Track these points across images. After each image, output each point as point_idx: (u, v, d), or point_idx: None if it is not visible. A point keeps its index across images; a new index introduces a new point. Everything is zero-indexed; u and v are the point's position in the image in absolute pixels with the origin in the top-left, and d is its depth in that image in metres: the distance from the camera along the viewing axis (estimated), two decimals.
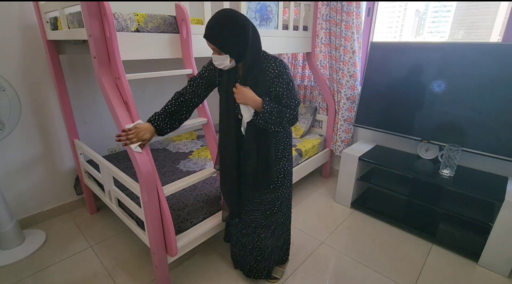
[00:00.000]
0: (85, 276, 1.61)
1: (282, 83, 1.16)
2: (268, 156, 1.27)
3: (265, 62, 1.18)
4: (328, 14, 2.36)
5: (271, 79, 1.16)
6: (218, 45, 1.10)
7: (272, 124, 1.17)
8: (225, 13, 1.08)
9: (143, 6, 2.12)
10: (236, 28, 1.07)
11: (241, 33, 1.08)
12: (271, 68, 1.16)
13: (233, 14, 1.08)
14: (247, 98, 1.15)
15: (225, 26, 1.07)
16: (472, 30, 2.11)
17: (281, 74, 1.16)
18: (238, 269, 1.63)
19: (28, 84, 1.84)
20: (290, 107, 1.18)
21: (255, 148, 1.25)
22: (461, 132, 1.82)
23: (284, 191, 1.40)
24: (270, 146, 1.27)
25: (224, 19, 1.07)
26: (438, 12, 2.27)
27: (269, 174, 1.30)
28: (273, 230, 1.44)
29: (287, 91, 1.17)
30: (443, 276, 1.63)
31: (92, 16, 1.11)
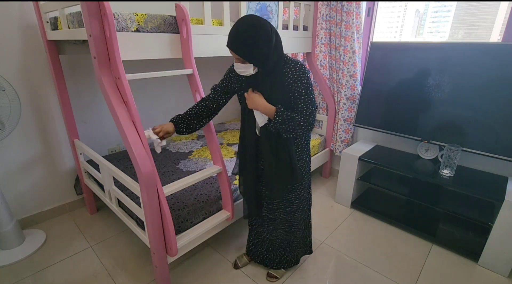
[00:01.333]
0: (85, 276, 1.61)
1: (300, 88, 1.15)
2: (290, 158, 1.28)
3: (285, 66, 1.17)
4: (328, 14, 2.36)
5: (289, 84, 1.16)
6: (242, 55, 1.11)
7: (284, 132, 1.18)
8: (249, 21, 1.06)
9: (143, 6, 2.12)
10: (261, 37, 1.06)
11: (265, 43, 1.07)
12: (290, 73, 1.15)
13: (257, 23, 1.06)
14: (257, 105, 1.18)
15: (250, 35, 1.06)
16: (472, 30, 2.11)
17: (300, 78, 1.15)
18: (241, 271, 1.64)
19: (28, 84, 1.84)
20: (305, 114, 1.16)
21: (269, 150, 1.27)
22: (461, 132, 1.82)
23: (302, 191, 1.42)
24: (290, 149, 1.27)
25: (249, 28, 1.05)
26: (438, 12, 2.27)
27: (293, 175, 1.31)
28: (297, 225, 1.49)
29: (304, 96, 1.16)
30: (443, 276, 1.63)
31: (92, 16, 1.11)
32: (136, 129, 1.24)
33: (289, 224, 1.48)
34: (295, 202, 1.42)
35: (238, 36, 1.07)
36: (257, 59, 1.12)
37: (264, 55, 1.10)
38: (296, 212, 1.45)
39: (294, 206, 1.43)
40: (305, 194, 1.44)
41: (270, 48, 1.09)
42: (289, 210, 1.44)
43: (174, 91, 2.61)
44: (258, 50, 1.08)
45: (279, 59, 1.16)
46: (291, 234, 1.51)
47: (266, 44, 1.08)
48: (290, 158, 1.28)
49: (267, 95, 1.19)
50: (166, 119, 2.59)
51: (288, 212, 1.44)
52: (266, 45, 1.08)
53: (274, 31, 1.11)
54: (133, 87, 1.32)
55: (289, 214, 1.45)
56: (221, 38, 1.66)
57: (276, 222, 1.49)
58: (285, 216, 1.46)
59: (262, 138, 1.27)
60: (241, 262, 1.67)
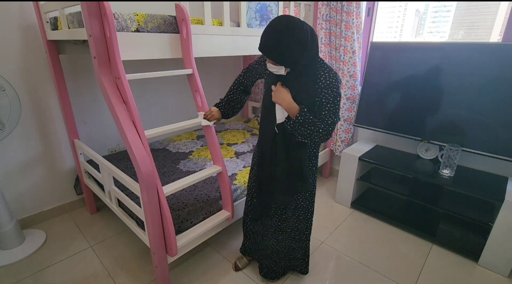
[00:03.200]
0: (85, 276, 1.61)
1: (329, 95, 1.12)
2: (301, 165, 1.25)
3: (319, 69, 1.14)
4: (328, 14, 2.36)
5: (319, 89, 1.13)
6: (274, 59, 1.09)
7: (300, 135, 1.15)
8: (282, 23, 1.02)
9: (143, 6, 2.12)
10: (294, 41, 1.03)
11: (298, 46, 1.04)
12: (322, 78, 1.12)
13: (291, 25, 1.02)
14: (282, 99, 1.15)
15: (282, 39, 1.02)
16: (472, 30, 2.11)
17: (331, 86, 1.11)
18: (241, 271, 1.64)
19: (28, 84, 1.84)
20: (326, 122, 1.13)
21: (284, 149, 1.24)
22: (461, 132, 1.82)
23: (299, 200, 1.38)
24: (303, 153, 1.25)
25: (282, 30, 1.02)
26: (438, 12, 2.27)
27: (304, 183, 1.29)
28: (289, 233, 1.45)
29: (331, 104, 1.13)
30: (443, 276, 1.63)
31: (92, 16, 1.11)
32: (136, 129, 1.24)
33: (282, 231, 1.44)
34: (290, 208, 1.39)
35: (269, 38, 1.04)
36: (288, 63, 1.09)
37: (297, 58, 1.07)
38: (291, 218, 1.41)
39: (289, 212, 1.39)
40: (302, 203, 1.39)
41: (303, 52, 1.06)
42: (285, 217, 1.41)
43: (174, 91, 2.61)
44: (288, 56, 1.05)
45: (311, 61, 1.12)
46: (281, 243, 1.46)
47: (298, 45, 1.04)
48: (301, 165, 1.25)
49: (294, 93, 1.15)
50: (166, 119, 2.60)
51: (284, 219, 1.41)
52: (298, 46, 1.04)
53: (309, 33, 1.06)
54: (133, 87, 1.32)
55: (284, 221, 1.41)
56: (221, 38, 1.66)
57: (271, 230, 1.45)
58: (280, 222, 1.43)
59: (279, 136, 1.24)
60: (241, 264, 1.65)
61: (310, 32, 1.07)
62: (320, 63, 1.15)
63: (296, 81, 1.15)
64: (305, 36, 1.04)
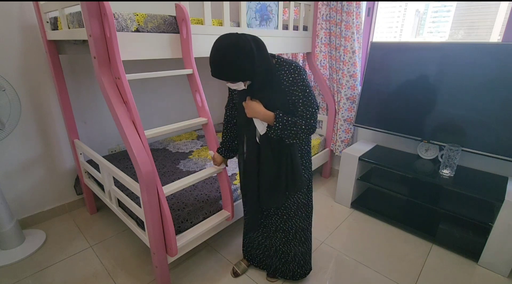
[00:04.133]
0: (85, 276, 1.61)
1: (297, 91, 1.12)
2: (292, 165, 1.25)
3: (279, 69, 1.14)
4: (328, 14, 2.36)
5: (286, 88, 1.13)
6: (229, 79, 1.09)
7: (286, 137, 1.16)
8: (222, 44, 1.03)
9: (143, 6, 2.12)
10: (240, 56, 1.02)
11: (246, 59, 1.03)
12: (285, 76, 1.12)
13: (231, 42, 1.02)
14: (256, 113, 1.16)
15: (228, 58, 1.02)
16: (472, 30, 2.11)
17: (295, 81, 1.12)
18: (239, 277, 1.62)
19: (28, 84, 1.84)
20: (305, 117, 1.14)
21: (271, 158, 1.24)
22: (461, 132, 1.82)
23: (301, 197, 1.37)
24: (293, 154, 1.24)
25: (224, 50, 1.02)
26: (438, 12, 2.27)
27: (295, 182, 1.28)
28: (294, 234, 1.43)
29: (303, 99, 1.13)
30: (443, 276, 1.63)
31: (92, 16, 1.11)
32: (136, 129, 1.24)
33: (286, 233, 1.43)
34: (292, 207, 1.38)
35: (217, 63, 1.04)
36: (243, 76, 1.08)
37: (250, 71, 1.06)
38: (293, 218, 1.40)
39: (292, 212, 1.38)
40: (303, 200, 1.38)
41: (253, 63, 1.05)
42: (286, 217, 1.40)
43: (174, 91, 2.61)
44: (240, 71, 1.05)
45: (268, 66, 1.11)
46: (287, 245, 1.45)
47: (247, 60, 1.03)
48: (292, 165, 1.25)
49: (266, 101, 1.15)
50: (166, 119, 2.60)
51: (285, 220, 1.40)
52: (248, 62, 1.04)
53: (254, 44, 1.06)
54: (133, 87, 1.32)
55: (286, 221, 1.41)
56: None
57: (272, 229, 1.45)
58: (282, 224, 1.42)
59: (263, 147, 1.24)
60: (240, 269, 1.61)
61: (253, 40, 1.06)
62: (279, 63, 1.15)
63: (262, 90, 1.15)
64: (249, 46, 1.03)
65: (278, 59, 1.16)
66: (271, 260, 1.54)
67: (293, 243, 1.45)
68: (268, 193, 1.32)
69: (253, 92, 1.17)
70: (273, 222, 1.44)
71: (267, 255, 1.55)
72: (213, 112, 1.56)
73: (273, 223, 1.44)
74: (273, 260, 1.54)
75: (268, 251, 1.53)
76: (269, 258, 1.55)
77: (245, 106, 1.19)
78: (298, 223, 1.42)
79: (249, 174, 1.34)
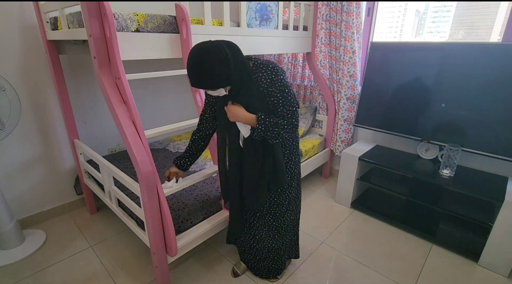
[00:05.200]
0: (85, 276, 1.61)
1: (275, 92, 1.13)
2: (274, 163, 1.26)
3: (256, 71, 1.14)
4: (328, 14, 2.36)
5: (264, 90, 1.14)
6: (208, 87, 1.09)
7: (269, 138, 1.17)
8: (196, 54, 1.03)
9: (143, 6, 2.12)
10: (215, 64, 1.03)
11: (221, 65, 1.04)
12: (263, 78, 1.13)
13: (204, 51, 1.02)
14: (238, 117, 1.17)
15: (204, 67, 1.03)
16: (472, 30, 2.11)
17: (273, 83, 1.12)
18: (239, 277, 1.61)
19: (28, 84, 1.84)
20: (286, 117, 1.15)
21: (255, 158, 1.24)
22: (461, 132, 1.82)
23: (292, 192, 1.40)
24: (276, 152, 1.25)
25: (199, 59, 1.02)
26: (438, 12, 2.27)
27: (278, 179, 1.29)
28: (286, 229, 1.46)
29: (282, 99, 1.14)
30: (443, 276, 1.63)
31: (92, 16, 1.11)
32: (136, 129, 1.24)
33: (278, 229, 1.44)
34: (284, 203, 1.39)
35: (194, 73, 1.05)
36: (222, 83, 1.08)
37: (227, 76, 1.06)
38: (285, 213, 1.42)
39: (284, 207, 1.40)
40: (293, 193, 1.41)
41: (229, 68, 1.05)
42: (279, 214, 1.41)
43: (174, 91, 2.61)
44: (219, 78, 1.05)
45: (245, 70, 1.12)
46: (279, 240, 1.46)
47: (224, 68, 1.04)
48: (274, 163, 1.26)
49: (246, 104, 1.16)
50: (166, 119, 2.60)
51: (278, 216, 1.41)
52: (224, 68, 1.04)
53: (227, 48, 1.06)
54: (133, 87, 1.32)
55: (279, 218, 1.41)
56: (221, 38, 1.65)
57: (265, 229, 1.45)
58: (275, 221, 1.42)
59: (247, 150, 1.25)
60: (240, 269, 1.61)
61: (227, 46, 1.07)
62: (256, 65, 1.15)
63: (242, 94, 1.16)
64: (223, 53, 1.04)
65: (255, 61, 1.17)
66: (264, 262, 1.52)
67: (285, 238, 1.47)
68: (251, 195, 1.32)
69: (233, 96, 1.18)
70: (266, 221, 1.43)
71: (258, 259, 1.53)
72: None
73: (266, 223, 1.44)
74: (266, 262, 1.52)
75: (260, 254, 1.51)
76: (261, 262, 1.53)
77: (226, 110, 1.20)
78: (290, 217, 1.45)
79: (233, 179, 1.34)
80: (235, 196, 1.37)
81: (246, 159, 1.27)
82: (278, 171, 1.28)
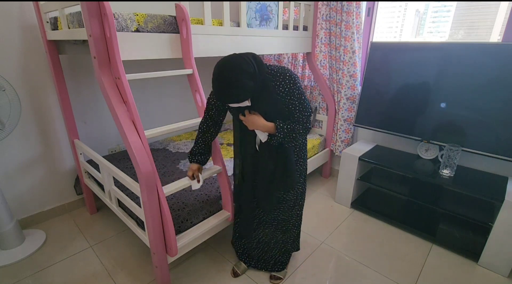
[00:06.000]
0: (85, 276, 1.61)
1: (293, 100, 1.17)
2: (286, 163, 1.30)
3: (273, 80, 1.16)
4: (328, 14, 2.36)
5: (282, 98, 1.17)
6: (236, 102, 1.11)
7: (287, 142, 1.23)
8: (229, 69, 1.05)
9: (143, 6, 2.12)
10: (246, 80, 1.05)
11: (250, 79, 1.06)
12: (281, 86, 1.15)
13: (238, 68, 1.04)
14: (257, 126, 1.21)
15: (237, 86, 1.05)
16: (472, 30, 2.11)
17: (292, 91, 1.16)
18: (239, 277, 1.62)
19: (28, 84, 1.84)
20: (302, 122, 1.20)
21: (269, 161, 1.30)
22: (461, 132, 1.82)
23: (300, 187, 1.45)
24: (289, 153, 1.30)
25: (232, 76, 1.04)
26: (438, 12, 2.27)
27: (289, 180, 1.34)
28: (293, 223, 1.51)
29: (299, 106, 1.18)
30: (443, 276, 1.63)
31: (92, 16, 1.11)
32: (136, 129, 1.24)
33: (286, 222, 1.49)
34: (292, 198, 1.44)
35: (222, 92, 1.07)
36: (248, 96, 1.11)
37: (253, 89, 1.09)
38: (293, 208, 1.47)
39: (292, 202, 1.45)
40: (301, 189, 1.46)
41: (256, 81, 1.09)
42: (287, 209, 1.46)
43: (174, 91, 2.61)
44: (247, 92, 1.07)
45: (263, 82, 1.14)
46: (286, 233, 1.52)
47: (252, 82, 1.07)
48: (286, 164, 1.30)
49: (263, 111, 1.20)
50: (166, 119, 2.60)
51: (286, 211, 1.47)
52: (252, 82, 1.07)
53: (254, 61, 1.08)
54: (133, 87, 1.32)
55: (287, 212, 1.47)
56: (221, 38, 1.66)
57: (274, 224, 1.50)
58: (284, 215, 1.48)
59: (263, 153, 1.30)
60: (240, 269, 1.62)
61: (253, 58, 1.10)
62: (272, 74, 1.16)
63: (259, 103, 1.18)
64: (252, 68, 1.07)
65: (271, 69, 1.19)
66: (271, 253, 1.58)
67: (292, 231, 1.54)
68: (266, 196, 1.39)
69: (251, 106, 1.20)
70: (275, 216, 1.49)
71: (266, 250, 1.58)
72: None
73: (275, 217, 1.49)
74: (273, 253, 1.58)
75: (268, 245, 1.56)
76: (268, 252, 1.58)
77: (245, 120, 1.23)
78: (297, 212, 1.50)
79: (247, 181, 1.40)
80: (248, 197, 1.42)
81: (261, 161, 1.32)
82: (290, 172, 1.32)
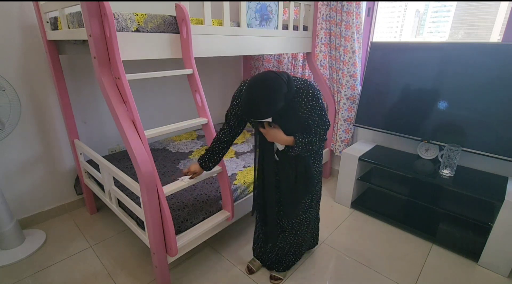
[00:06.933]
0: (85, 276, 1.61)
1: (314, 116, 1.19)
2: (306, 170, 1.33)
3: (297, 95, 1.17)
4: (328, 14, 2.36)
5: (304, 114, 1.18)
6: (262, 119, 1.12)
7: (303, 153, 1.26)
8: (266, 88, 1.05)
9: (143, 6, 2.12)
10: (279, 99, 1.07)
11: (282, 96, 1.08)
12: (304, 103, 1.16)
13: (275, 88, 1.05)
14: (277, 139, 1.23)
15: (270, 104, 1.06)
16: (472, 30, 2.11)
17: (314, 108, 1.17)
18: (241, 272, 1.63)
19: (28, 84, 1.84)
20: (319, 134, 1.23)
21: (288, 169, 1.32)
22: (461, 132, 1.82)
23: (317, 189, 1.48)
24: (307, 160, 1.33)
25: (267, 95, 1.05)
26: (438, 12, 2.27)
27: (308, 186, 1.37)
28: (307, 225, 1.51)
29: (319, 121, 1.21)
30: (443, 276, 1.63)
31: (92, 16, 1.11)
32: (136, 129, 1.24)
33: (300, 225, 1.49)
34: (307, 201, 1.45)
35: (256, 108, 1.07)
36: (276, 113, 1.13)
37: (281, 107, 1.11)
38: (308, 211, 1.47)
39: (306, 205, 1.45)
40: (318, 191, 1.48)
41: (286, 100, 1.11)
42: (302, 212, 1.46)
43: (174, 91, 2.61)
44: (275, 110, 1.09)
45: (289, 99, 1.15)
46: (300, 236, 1.52)
47: (282, 102, 1.09)
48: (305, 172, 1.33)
49: (283, 126, 1.21)
50: (165, 119, 2.60)
51: (301, 214, 1.46)
52: (282, 102, 1.09)
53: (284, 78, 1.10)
54: (133, 87, 1.32)
55: (301, 215, 1.47)
56: (221, 38, 1.66)
57: (288, 227, 1.49)
58: (297, 218, 1.47)
59: (282, 160, 1.33)
60: (255, 267, 1.63)
61: (287, 77, 1.12)
62: (296, 90, 1.17)
63: (281, 118, 1.20)
64: (285, 87, 1.08)
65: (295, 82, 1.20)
66: (285, 257, 1.59)
67: (307, 233, 1.55)
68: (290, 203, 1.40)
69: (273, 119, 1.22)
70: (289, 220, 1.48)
71: (281, 254, 1.58)
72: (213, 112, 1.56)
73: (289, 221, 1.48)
74: (287, 257, 1.58)
75: (282, 251, 1.57)
76: (283, 256, 1.59)
77: (265, 133, 1.25)
78: (312, 214, 1.50)
79: (269, 189, 1.40)
80: (272, 205, 1.43)
81: (282, 169, 1.34)
82: (310, 177, 1.35)
